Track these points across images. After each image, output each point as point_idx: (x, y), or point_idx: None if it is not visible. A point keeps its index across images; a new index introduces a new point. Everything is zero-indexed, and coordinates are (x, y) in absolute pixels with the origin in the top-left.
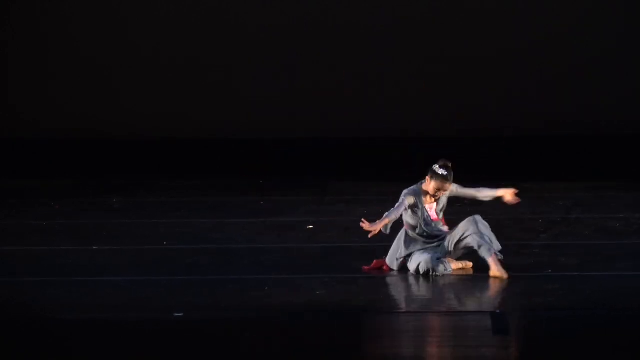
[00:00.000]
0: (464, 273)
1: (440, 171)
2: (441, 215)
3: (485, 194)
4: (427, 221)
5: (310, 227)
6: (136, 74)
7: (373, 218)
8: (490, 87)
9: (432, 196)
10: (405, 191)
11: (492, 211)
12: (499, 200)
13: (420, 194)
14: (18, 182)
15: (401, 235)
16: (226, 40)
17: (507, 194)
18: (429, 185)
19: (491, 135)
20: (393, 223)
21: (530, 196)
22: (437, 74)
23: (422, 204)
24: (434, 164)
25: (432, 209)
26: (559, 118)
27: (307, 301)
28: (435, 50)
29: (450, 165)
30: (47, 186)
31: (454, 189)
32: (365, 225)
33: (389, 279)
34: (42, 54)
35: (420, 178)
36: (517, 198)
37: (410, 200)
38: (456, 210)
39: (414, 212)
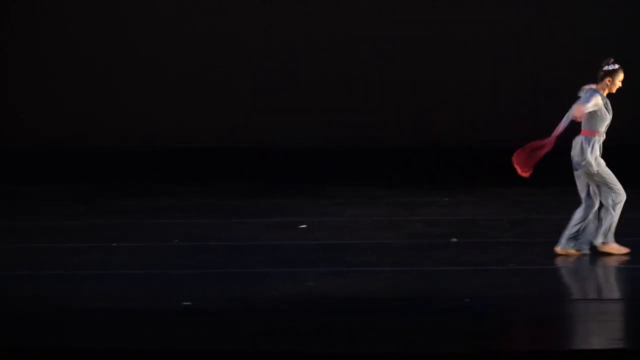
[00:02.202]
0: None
1: (614, 66)
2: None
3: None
4: (610, 115)
5: (304, 226)
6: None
7: (362, 219)
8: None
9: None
10: (586, 92)
11: (465, 212)
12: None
13: (602, 95)
14: (41, 187)
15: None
16: (224, 53)
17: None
18: (613, 83)
19: (464, 144)
20: None
21: (498, 199)
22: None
23: (607, 103)
24: (603, 67)
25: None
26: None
27: (305, 291)
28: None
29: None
30: (69, 190)
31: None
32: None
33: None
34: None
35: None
36: None
37: (598, 100)
38: None
39: (599, 114)
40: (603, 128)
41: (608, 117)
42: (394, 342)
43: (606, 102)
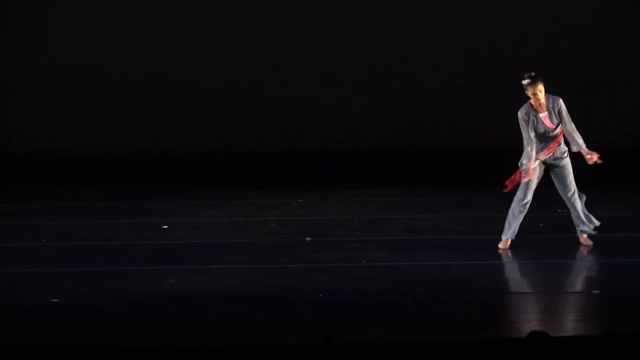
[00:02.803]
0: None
1: (525, 81)
2: (558, 129)
3: (575, 138)
4: (543, 127)
5: (165, 226)
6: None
7: (220, 220)
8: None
9: (538, 104)
10: (518, 114)
11: (318, 213)
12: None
13: (530, 108)
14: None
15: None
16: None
17: (593, 156)
18: (532, 96)
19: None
20: None
21: (348, 201)
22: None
23: (534, 115)
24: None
25: (546, 116)
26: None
27: (167, 287)
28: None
29: (532, 73)
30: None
31: (562, 106)
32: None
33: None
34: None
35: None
36: (599, 160)
37: (522, 115)
38: None
39: (532, 125)
40: (537, 137)
41: (540, 127)
42: (253, 334)
43: (535, 114)
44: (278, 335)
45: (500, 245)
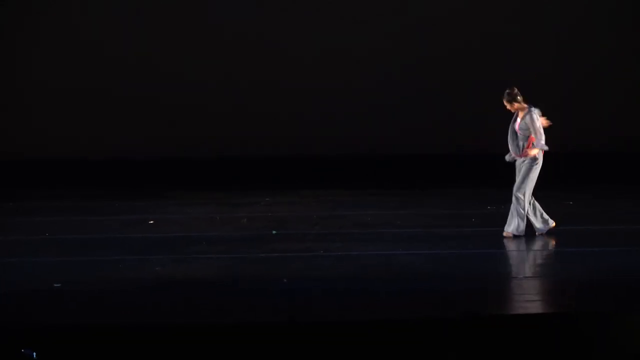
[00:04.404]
0: None
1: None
2: (524, 135)
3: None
4: (512, 130)
5: (152, 222)
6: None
7: (199, 216)
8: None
9: (514, 111)
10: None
11: (282, 210)
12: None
13: (517, 113)
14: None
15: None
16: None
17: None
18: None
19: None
20: None
21: (308, 200)
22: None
23: (515, 117)
24: None
25: (517, 122)
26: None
27: (149, 276)
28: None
29: (511, 89)
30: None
31: (530, 116)
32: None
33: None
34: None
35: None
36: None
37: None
38: None
39: (511, 123)
40: (511, 135)
41: (512, 128)
42: (227, 315)
43: (515, 117)
44: (248, 315)
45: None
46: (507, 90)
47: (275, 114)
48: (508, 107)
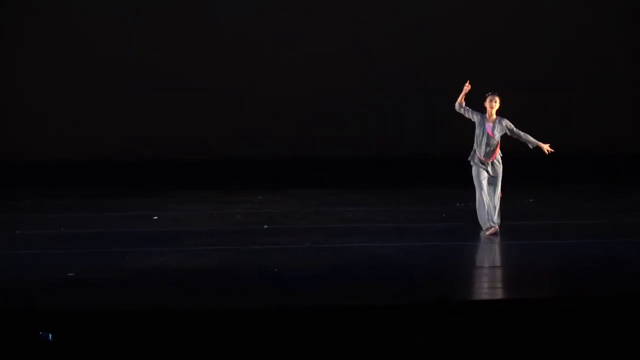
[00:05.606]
0: None
1: (487, 94)
2: (497, 137)
3: (529, 139)
4: (485, 135)
5: (155, 217)
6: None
7: (197, 213)
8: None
9: (490, 113)
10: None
11: (272, 207)
12: (537, 148)
13: (484, 116)
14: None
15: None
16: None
17: (545, 147)
18: (486, 105)
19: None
20: None
21: (294, 198)
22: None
23: (484, 121)
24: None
25: (490, 127)
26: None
27: (153, 266)
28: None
29: (494, 93)
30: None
31: (508, 124)
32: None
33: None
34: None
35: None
36: (551, 149)
37: (476, 116)
38: None
39: (480, 128)
40: (481, 141)
41: (484, 133)
42: (224, 301)
43: (485, 121)
44: (243, 301)
45: (488, 233)
46: (495, 93)
47: (275, 114)
48: (495, 106)
